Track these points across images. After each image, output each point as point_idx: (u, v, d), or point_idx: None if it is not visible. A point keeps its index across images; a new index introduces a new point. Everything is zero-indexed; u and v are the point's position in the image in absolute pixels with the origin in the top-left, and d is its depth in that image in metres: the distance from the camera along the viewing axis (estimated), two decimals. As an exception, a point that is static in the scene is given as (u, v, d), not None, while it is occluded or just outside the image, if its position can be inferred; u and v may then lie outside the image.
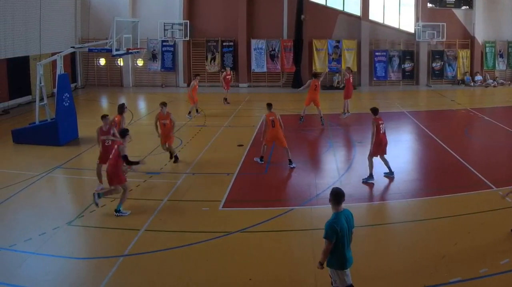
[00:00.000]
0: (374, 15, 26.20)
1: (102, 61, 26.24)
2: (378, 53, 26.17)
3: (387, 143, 10.54)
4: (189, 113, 17.66)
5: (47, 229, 7.99)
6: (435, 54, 26.25)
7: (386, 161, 10.55)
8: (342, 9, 26.23)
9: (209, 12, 25.95)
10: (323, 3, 26.20)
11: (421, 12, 25.93)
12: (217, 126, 16.10)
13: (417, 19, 26.05)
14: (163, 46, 25.83)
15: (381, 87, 25.79)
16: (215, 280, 6.56)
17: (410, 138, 14.96)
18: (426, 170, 11.58)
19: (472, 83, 25.87)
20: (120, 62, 26.04)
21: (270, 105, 11.85)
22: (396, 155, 11.45)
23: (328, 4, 26.22)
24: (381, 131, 10.32)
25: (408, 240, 7.76)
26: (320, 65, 25.74)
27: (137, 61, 26.35)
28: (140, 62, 26.43)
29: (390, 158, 10.62)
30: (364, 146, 12.69)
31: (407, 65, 26.31)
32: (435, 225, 8.19)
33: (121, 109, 11.12)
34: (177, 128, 15.40)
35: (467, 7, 26.32)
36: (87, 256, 7.26)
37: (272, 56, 25.87)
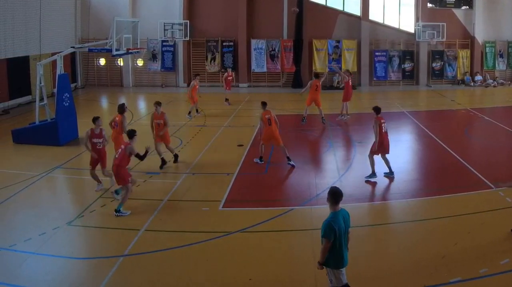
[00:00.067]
0: (374, 15, 26.20)
1: (102, 61, 26.24)
2: (378, 53, 26.16)
3: (389, 142, 10.57)
4: (189, 113, 17.67)
5: (47, 229, 7.99)
6: (435, 54, 26.25)
7: (387, 161, 10.56)
8: (342, 9, 26.22)
9: (209, 12, 25.94)
10: (323, 3, 26.20)
11: (421, 12, 25.93)
12: (217, 127, 16.10)
13: (417, 19, 26.04)
14: (163, 46, 25.83)
15: (381, 87, 25.78)
16: (215, 280, 6.56)
17: (410, 138, 14.95)
18: (426, 170, 11.57)
19: (472, 83, 25.87)
20: (120, 62, 26.04)
21: (265, 103, 11.87)
22: (396, 155, 11.44)
23: (328, 4, 26.21)
24: (383, 130, 10.38)
25: (408, 240, 7.76)
26: (320, 65, 25.70)
27: (137, 61, 26.35)
28: (140, 62, 26.42)
29: (390, 157, 10.62)
30: (364, 146, 12.70)
31: (407, 65, 26.30)
32: (435, 225, 8.18)
33: (122, 109, 11.12)
34: (177, 129, 15.46)
35: (467, 7, 26.31)
36: (87, 256, 7.26)
37: (272, 56, 25.86)
